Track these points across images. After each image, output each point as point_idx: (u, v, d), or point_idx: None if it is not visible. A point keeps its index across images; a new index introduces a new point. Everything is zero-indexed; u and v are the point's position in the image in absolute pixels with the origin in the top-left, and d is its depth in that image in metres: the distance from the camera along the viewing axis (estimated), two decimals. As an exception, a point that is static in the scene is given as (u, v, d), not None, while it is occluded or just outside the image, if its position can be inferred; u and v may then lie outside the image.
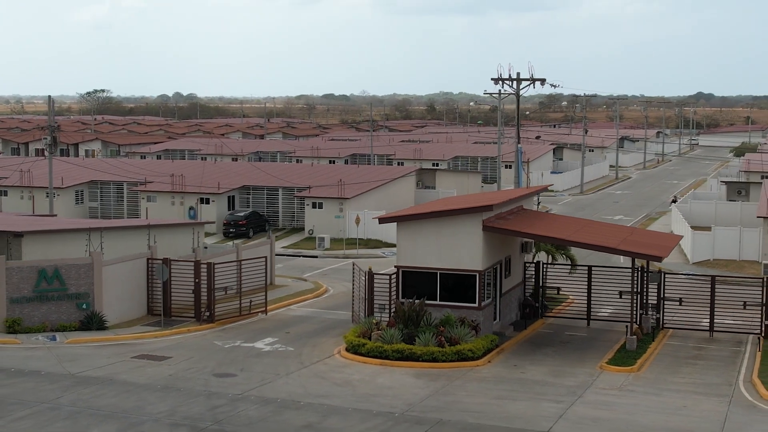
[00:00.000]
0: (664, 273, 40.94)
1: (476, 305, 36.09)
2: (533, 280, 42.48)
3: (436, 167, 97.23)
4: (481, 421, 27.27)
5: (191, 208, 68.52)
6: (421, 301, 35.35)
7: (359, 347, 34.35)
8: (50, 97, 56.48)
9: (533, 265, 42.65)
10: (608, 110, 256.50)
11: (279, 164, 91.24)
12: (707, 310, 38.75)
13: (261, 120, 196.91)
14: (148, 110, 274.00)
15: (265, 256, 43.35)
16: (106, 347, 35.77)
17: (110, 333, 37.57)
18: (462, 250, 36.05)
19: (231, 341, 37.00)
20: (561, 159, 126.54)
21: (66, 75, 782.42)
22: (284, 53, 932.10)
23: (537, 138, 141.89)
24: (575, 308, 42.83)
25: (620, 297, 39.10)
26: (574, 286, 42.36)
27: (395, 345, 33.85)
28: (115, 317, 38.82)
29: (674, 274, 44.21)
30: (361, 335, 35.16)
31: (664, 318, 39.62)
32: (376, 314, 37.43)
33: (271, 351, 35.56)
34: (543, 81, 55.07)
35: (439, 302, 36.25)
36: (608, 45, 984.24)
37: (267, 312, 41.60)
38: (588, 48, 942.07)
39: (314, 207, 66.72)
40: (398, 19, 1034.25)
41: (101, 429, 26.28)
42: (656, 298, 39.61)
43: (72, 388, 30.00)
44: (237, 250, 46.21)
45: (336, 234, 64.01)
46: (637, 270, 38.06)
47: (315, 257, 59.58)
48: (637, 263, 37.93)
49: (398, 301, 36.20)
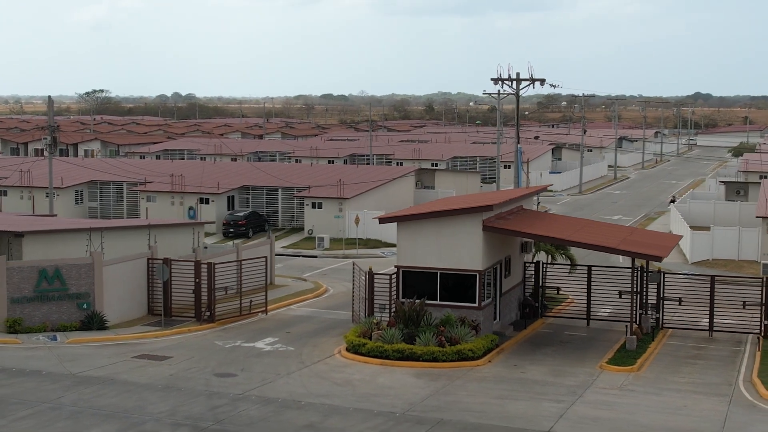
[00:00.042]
0: (664, 273, 41.01)
1: (476, 305, 36.14)
2: (533, 280, 42.55)
3: (435, 167, 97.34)
4: (482, 421, 27.32)
5: (191, 208, 68.55)
6: (422, 301, 35.38)
7: (360, 347, 34.39)
8: (50, 98, 56.52)
9: (533, 265, 42.73)
10: (606, 110, 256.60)
11: (278, 164, 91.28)
12: (707, 310, 38.82)
13: (260, 120, 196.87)
14: (147, 110, 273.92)
15: (265, 256, 43.40)
16: (107, 347, 35.81)
17: (111, 333, 37.60)
18: (462, 250, 36.11)
19: (231, 341, 37.04)
20: (560, 159, 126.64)
21: (65, 75, 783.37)
22: (282, 53, 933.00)
23: (535, 138, 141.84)
24: (575, 308, 42.89)
25: (620, 297, 39.19)
26: (574, 286, 42.42)
27: (396, 345, 33.89)
28: (116, 317, 38.86)
29: (674, 274, 44.30)
30: (362, 335, 35.19)
31: (664, 318, 39.70)
32: (377, 314, 37.46)
33: (272, 351, 35.60)
34: (542, 81, 55.07)
35: (440, 302, 36.29)
36: (606, 45, 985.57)
37: (267, 312, 41.65)
38: (586, 48, 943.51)
39: (314, 207, 66.76)
40: (396, 20, 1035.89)
41: (103, 429, 26.31)
42: (656, 298, 39.68)
43: (73, 388, 30.03)
44: (237, 250, 46.24)
45: (335, 234, 64.06)
46: (637, 270, 38.13)
47: (314, 257, 59.63)
48: (637, 263, 38.01)
49: (398, 301, 36.21)
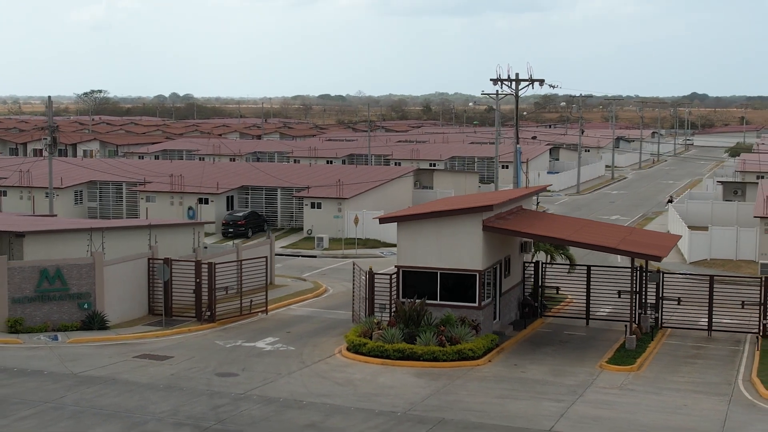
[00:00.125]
0: (663, 273, 41.13)
1: (476, 305, 36.24)
2: (532, 280, 42.66)
3: (434, 167, 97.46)
4: (483, 420, 27.41)
5: (190, 208, 68.60)
6: (422, 301, 35.46)
7: (360, 347, 34.48)
8: (49, 98, 56.61)
9: (532, 265, 42.84)
10: (604, 110, 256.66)
11: (277, 164, 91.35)
12: (706, 310, 38.95)
13: (258, 120, 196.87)
14: (145, 111, 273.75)
15: (266, 256, 43.50)
16: (108, 347, 35.87)
17: (112, 333, 37.67)
18: (462, 250, 36.20)
19: (232, 341, 37.12)
20: (557, 159, 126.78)
21: (63, 75, 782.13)
22: (280, 54, 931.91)
23: (533, 138, 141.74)
24: (574, 308, 43.01)
25: (619, 296, 39.32)
26: (573, 286, 42.54)
27: (396, 344, 33.97)
28: (117, 317, 38.92)
29: (673, 274, 44.43)
30: (362, 335, 35.28)
31: (663, 317, 39.83)
32: (377, 314, 37.53)
33: (273, 350, 35.68)
34: (542, 82, 55.16)
35: (440, 302, 36.38)
36: (603, 46, 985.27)
37: (267, 312, 41.73)
38: (583, 49, 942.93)
39: (313, 207, 66.84)
40: (394, 20, 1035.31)
41: (105, 428, 26.38)
42: (655, 298, 39.81)
43: (75, 388, 30.09)
44: (237, 250, 46.32)
45: (334, 234, 64.13)
46: (636, 270, 38.25)
47: (314, 257, 59.71)
48: (636, 263, 38.14)
49: (399, 301, 36.29)
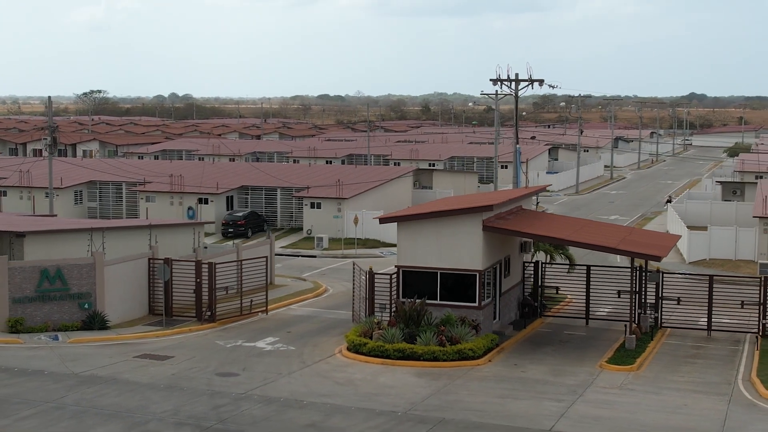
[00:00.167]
0: (663, 272, 41.20)
1: (476, 305, 36.30)
2: (532, 280, 42.72)
3: (433, 167, 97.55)
4: (484, 420, 27.46)
5: (190, 208, 68.64)
6: (422, 301, 35.51)
7: (361, 346, 34.53)
8: (49, 98, 56.66)
9: (532, 265, 42.89)
10: (602, 110, 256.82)
11: (277, 164, 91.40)
12: (705, 310, 39.03)
13: (257, 120, 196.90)
14: (145, 111, 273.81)
15: (266, 256, 43.55)
16: (109, 347, 35.91)
17: (112, 333, 37.72)
18: (462, 250, 36.25)
19: (232, 341, 37.17)
20: (556, 159, 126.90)
21: (62, 75, 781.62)
22: (279, 54, 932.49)
23: (532, 138, 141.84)
24: (573, 307, 43.07)
25: (619, 296, 39.38)
26: (573, 286, 42.60)
27: (396, 344, 34.01)
28: (117, 317, 38.96)
29: (672, 274, 44.50)
30: (363, 335, 35.33)
31: (663, 317, 39.90)
32: (377, 314, 37.56)
33: (273, 350, 35.73)
34: (541, 82, 55.14)
35: (440, 302, 36.43)
36: (601, 46, 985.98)
37: (267, 311, 41.77)
38: (581, 49, 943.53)
39: (312, 207, 66.89)
40: (392, 21, 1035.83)
41: (106, 428, 26.42)
42: (654, 298, 39.88)
43: (76, 388, 30.13)
44: (237, 250, 46.37)
45: (334, 234, 64.17)
46: (636, 269, 38.33)
47: (313, 257, 59.76)
48: (636, 263, 38.21)
49: (399, 301, 36.34)
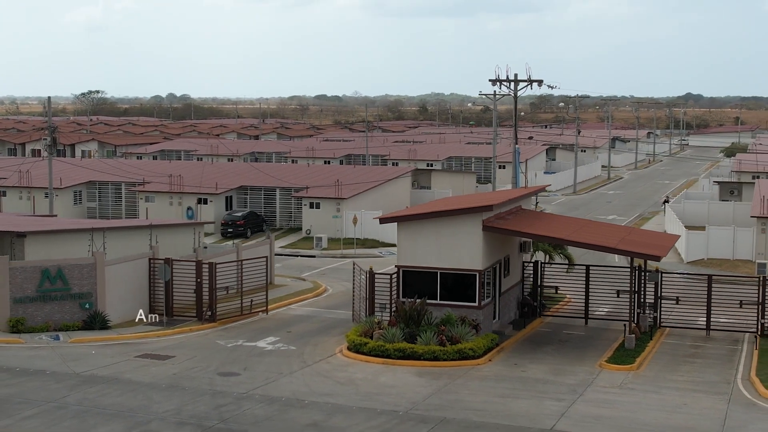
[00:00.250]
0: (662, 272, 41.34)
1: (476, 304, 36.40)
2: (531, 280, 42.83)
3: (431, 167, 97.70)
4: (485, 419, 27.55)
5: (189, 209, 68.72)
6: (423, 301, 35.59)
7: (361, 346, 34.62)
8: (49, 99, 56.73)
9: (531, 265, 43.01)
10: (599, 111, 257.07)
11: (276, 164, 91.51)
12: (704, 309, 39.17)
13: (255, 121, 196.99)
14: (143, 111, 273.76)
15: (266, 256, 43.65)
16: (110, 346, 35.99)
17: (113, 332, 37.79)
18: (462, 250, 36.35)
19: (233, 340, 37.26)
20: (554, 159, 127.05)
21: (60, 76, 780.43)
22: (277, 54, 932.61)
23: (529, 138, 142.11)
24: (573, 307, 43.19)
25: (618, 296, 39.51)
26: (572, 285, 42.72)
27: (397, 344, 34.10)
28: (118, 317, 39.03)
29: (671, 274, 44.63)
30: (363, 334, 35.42)
31: (661, 317, 40.02)
32: (377, 313, 37.65)
33: (274, 350, 35.82)
34: (540, 82, 55.17)
35: (440, 301, 36.52)
36: (597, 46, 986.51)
37: (268, 311, 41.86)
38: (577, 49, 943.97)
39: (311, 207, 67.00)
40: (389, 21, 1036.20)
41: (109, 428, 26.49)
42: (653, 297, 40.02)
43: (78, 387, 30.19)
44: (237, 250, 46.46)
45: (333, 234, 64.26)
46: (635, 269, 38.46)
47: (312, 257, 59.87)
48: (635, 262, 38.34)
49: (399, 301, 36.43)
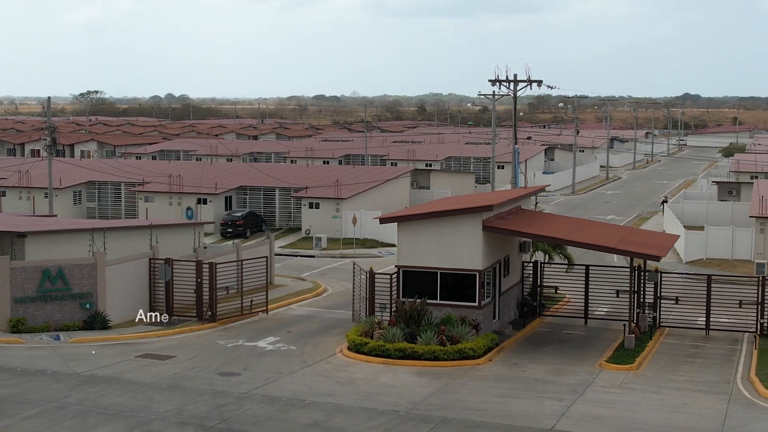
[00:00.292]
0: (661, 272, 41.41)
1: (476, 304, 36.46)
2: (531, 280, 42.89)
3: (430, 167, 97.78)
4: (486, 419, 27.60)
5: (189, 209, 68.76)
6: (423, 300, 35.63)
7: (361, 346, 34.66)
8: (48, 99, 56.79)
9: (531, 265, 43.07)
10: (597, 111, 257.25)
11: (275, 165, 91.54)
12: (703, 309, 39.25)
13: (254, 121, 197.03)
14: (141, 111, 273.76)
15: (266, 256, 43.70)
16: (110, 346, 36.01)
17: (113, 332, 37.82)
18: (462, 250, 36.40)
19: (233, 340, 37.30)
20: (552, 159, 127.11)
21: (59, 76, 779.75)
22: (275, 54, 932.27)
23: (528, 138, 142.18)
24: (572, 307, 43.24)
25: (617, 296, 39.57)
26: (571, 285, 42.77)
27: (397, 344, 34.13)
28: (118, 317, 39.06)
29: (670, 273, 44.69)
30: (363, 334, 35.46)
31: (661, 316, 40.10)
32: (377, 313, 37.69)
33: (274, 350, 35.86)
34: (540, 82, 55.15)
35: (440, 301, 36.55)
36: (595, 47, 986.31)
37: (268, 311, 41.90)
38: (575, 50, 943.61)
39: (311, 207, 67.06)
40: (387, 21, 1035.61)
41: (110, 427, 26.52)
42: (653, 297, 40.09)
43: (78, 387, 30.21)
44: (237, 250, 46.51)
45: (332, 234, 64.31)
46: (634, 269, 38.52)
47: (312, 257, 59.92)
48: (634, 262, 38.41)
49: (399, 301, 36.48)
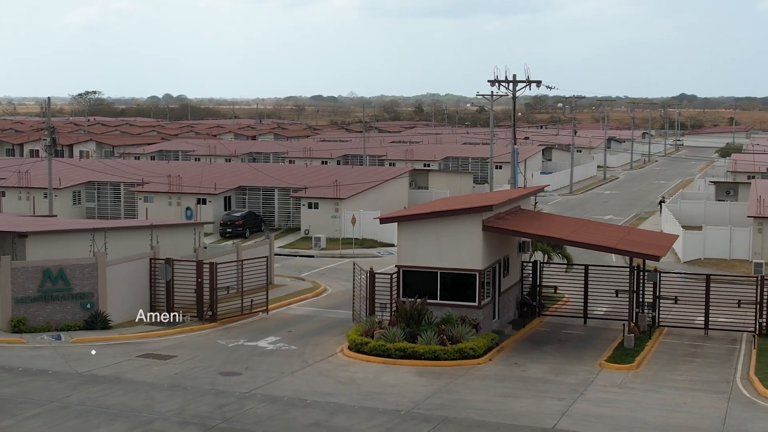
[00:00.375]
0: (660, 272, 41.54)
1: (476, 304, 36.55)
2: (530, 279, 43.00)
3: (428, 168, 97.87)
4: (486, 419, 27.68)
5: (188, 209, 68.84)
6: (423, 300, 35.72)
7: (362, 346, 34.75)
8: (48, 99, 56.89)
9: (530, 265, 43.19)
10: (594, 111, 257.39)
11: (274, 165, 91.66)
12: (702, 309, 39.38)
13: (252, 121, 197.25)
14: (139, 111, 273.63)
15: (266, 256, 43.79)
16: (111, 346, 36.08)
17: (114, 332, 37.89)
18: (462, 250, 36.49)
19: (234, 340, 37.38)
20: (550, 159, 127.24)
21: (57, 76, 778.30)
22: (273, 55, 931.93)
23: (525, 139, 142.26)
24: (572, 307, 43.34)
25: (616, 296, 39.70)
26: (571, 285, 42.88)
27: (398, 343, 34.22)
28: (119, 317, 39.12)
29: (669, 273, 44.83)
30: (364, 334, 35.54)
31: (660, 316, 40.22)
32: (378, 313, 37.78)
33: (275, 350, 35.95)
34: (539, 83, 55.27)
35: (440, 301, 36.62)
36: (592, 47, 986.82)
37: (268, 311, 41.97)
38: (572, 50, 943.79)
39: (310, 207, 67.15)
40: (385, 22, 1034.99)
41: (112, 427, 26.57)
42: (652, 297, 40.21)
43: (80, 387, 30.28)
44: (237, 250, 46.60)
45: (332, 234, 64.40)
46: (634, 269, 38.65)
47: (311, 257, 60.01)
48: (634, 262, 38.53)
49: (400, 300, 36.58)
